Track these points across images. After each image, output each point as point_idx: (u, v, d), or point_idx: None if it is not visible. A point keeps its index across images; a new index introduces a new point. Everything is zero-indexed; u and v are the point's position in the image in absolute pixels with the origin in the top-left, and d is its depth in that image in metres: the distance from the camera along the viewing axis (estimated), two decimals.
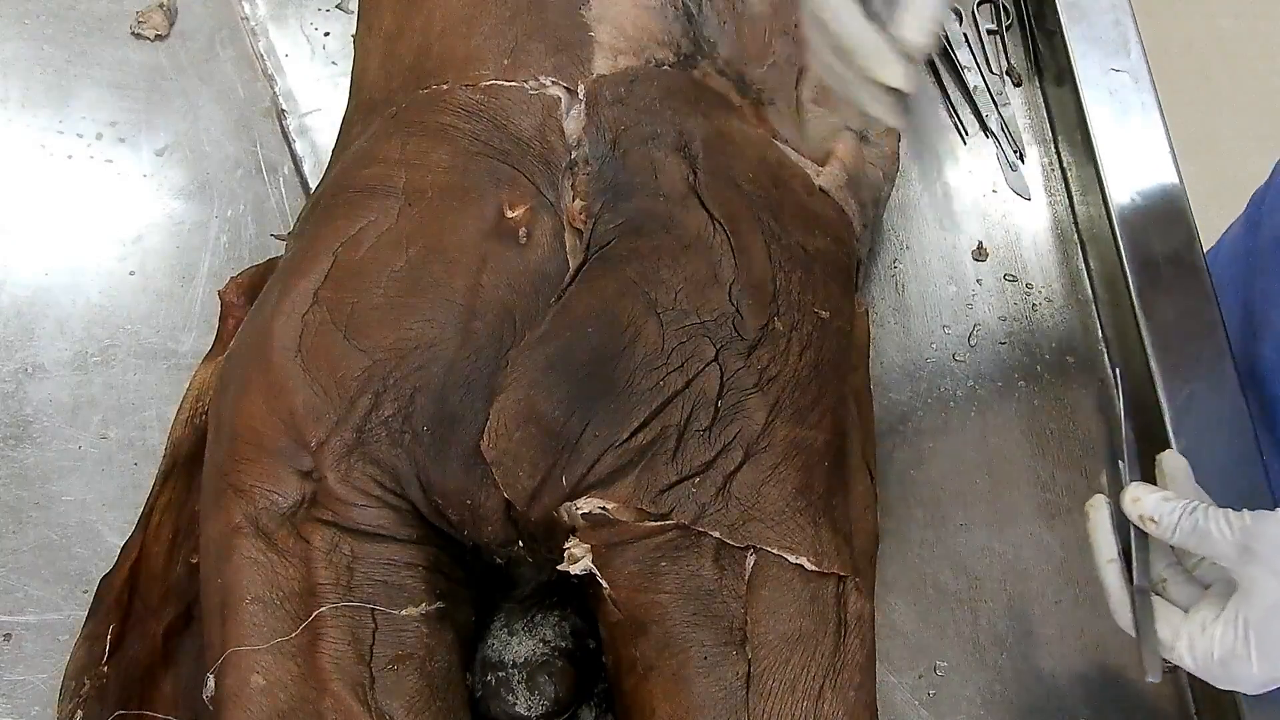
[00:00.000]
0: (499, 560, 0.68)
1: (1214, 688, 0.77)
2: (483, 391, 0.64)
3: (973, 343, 0.87)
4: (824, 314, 0.69)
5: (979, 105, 0.93)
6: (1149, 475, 0.68)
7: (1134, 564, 0.63)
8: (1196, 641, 0.59)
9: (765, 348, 0.66)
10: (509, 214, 0.67)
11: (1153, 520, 0.61)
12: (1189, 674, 0.80)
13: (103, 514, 0.75)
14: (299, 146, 0.86)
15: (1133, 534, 0.63)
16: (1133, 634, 0.62)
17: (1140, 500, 0.62)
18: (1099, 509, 0.65)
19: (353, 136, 0.75)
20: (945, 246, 0.90)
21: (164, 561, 0.71)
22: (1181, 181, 0.89)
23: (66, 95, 0.86)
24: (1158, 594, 0.63)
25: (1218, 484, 0.80)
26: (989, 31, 0.96)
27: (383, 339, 0.64)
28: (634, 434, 0.63)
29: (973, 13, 0.96)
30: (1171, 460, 0.67)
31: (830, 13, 0.63)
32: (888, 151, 0.83)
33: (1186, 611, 0.61)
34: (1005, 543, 0.81)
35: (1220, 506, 0.60)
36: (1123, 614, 0.63)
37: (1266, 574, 0.56)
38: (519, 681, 0.67)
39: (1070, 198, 0.93)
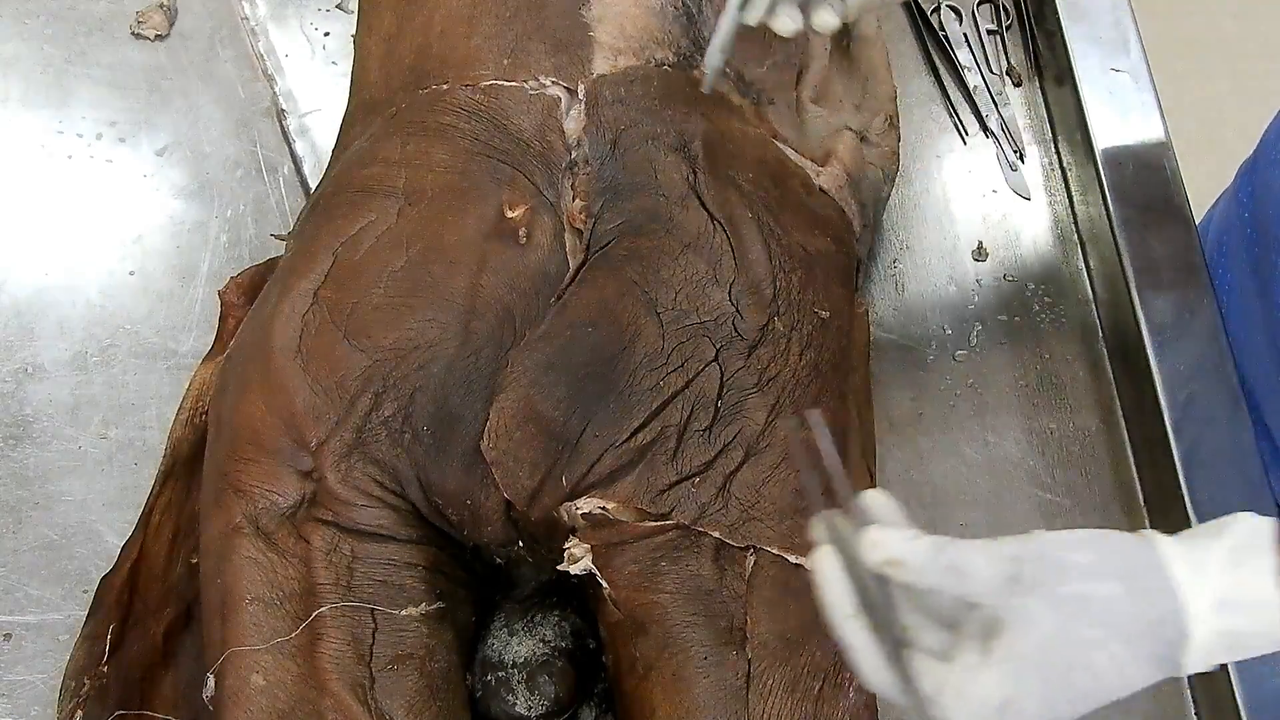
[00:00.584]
0: (499, 560, 0.68)
1: (1214, 689, 0.77)
2: (483, 391, 0.63)
3: (973, 343, 0.87)
4: (824, 314, 0.69)
5: (979, 105, 0.93)
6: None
7: (878, 617, 0.52)
8: (967, 690, 0.50)
9: (765, 348, 0.66)
10: (509, 214, 0.67)
11: (898, 564, 0.51)
12: (1189, 675, 0.80)
13: (103, 514, 0.75)
14: (299, 146, 0.86)
15: (870, 583, 0.52)
16: (896, 697, 0.52)
17: (881, 544, 0.51)
18: (826, 559, 0.53)
19: (353, 136, 0.75)
20: (945, 246, 0.90)
21: (164, 561, 0.71)
22: (1181, 181, 0.88)
23: (66, 95, 0.86)
24: (906, 646, 0.52)
25: (1217, 484, 0.81)
26: (989, 31, 0.96)
27: (383, 339, 0.64)
28: (634, 434, 0.63)
29: (973, 13, 0.96)
30: (878, 500, 0.54)
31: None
32: (888, 151, 0.83)
33: (946, 661, 0.52)
34: None
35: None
36: (878, 675, 0.52)
37: (1038, 603, 0.49)
38: (519, 681, 0.67)
39: (1070, 198, 0.92)
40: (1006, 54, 0.96)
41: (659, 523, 0.62)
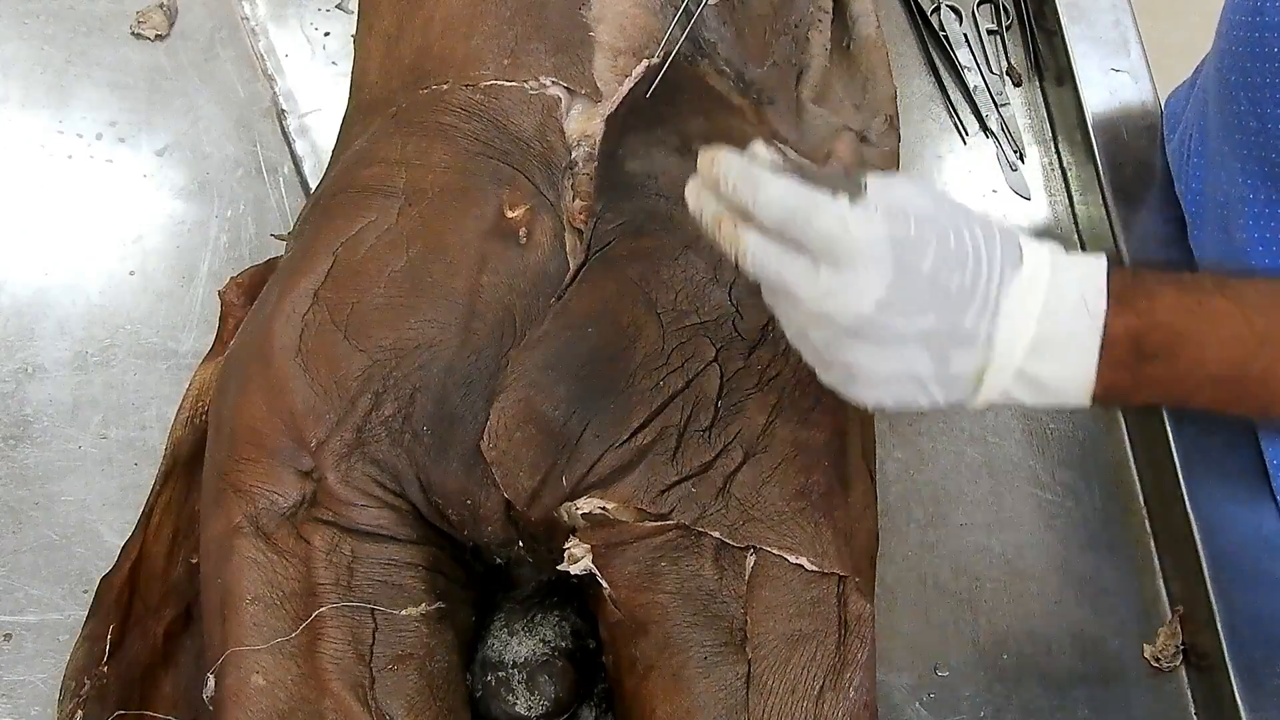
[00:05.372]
0: (499, 560, 0.68)
1: (1214, 690, 0.77)
2: (483, 391, 0.64)
3: None
4: None
5: (979, 105, 0.93)
6: None
7: None
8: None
9: (765, 348, 0.66)
10: (509, 214, 0.67)
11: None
12: (1189, 675, 0.80)
13: (103, 514, 0.75)
14: (299, 146, 0.86)
15: None
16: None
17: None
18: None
19: (353, 136, 0.75)
20: None
21: (164, 561, 0.71)
22: None
23: (66, 95, 0.86)
24: None
25: (1217, 482, 0.81)
26: (989, 31, 0.96)
27: (383, 339, 0.64)
28: (634, 434, 0.63)
29: (973, 13, 0.96)
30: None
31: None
32: (888, 152, 0.83)
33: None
34: (1005, 543, 0.81)
35: None
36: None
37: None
38: (519, 681, 0.67)
39: (1070, 198, 0.92)
40: (1006, 54, 0.96)
41: (659, 523, 0.62)
